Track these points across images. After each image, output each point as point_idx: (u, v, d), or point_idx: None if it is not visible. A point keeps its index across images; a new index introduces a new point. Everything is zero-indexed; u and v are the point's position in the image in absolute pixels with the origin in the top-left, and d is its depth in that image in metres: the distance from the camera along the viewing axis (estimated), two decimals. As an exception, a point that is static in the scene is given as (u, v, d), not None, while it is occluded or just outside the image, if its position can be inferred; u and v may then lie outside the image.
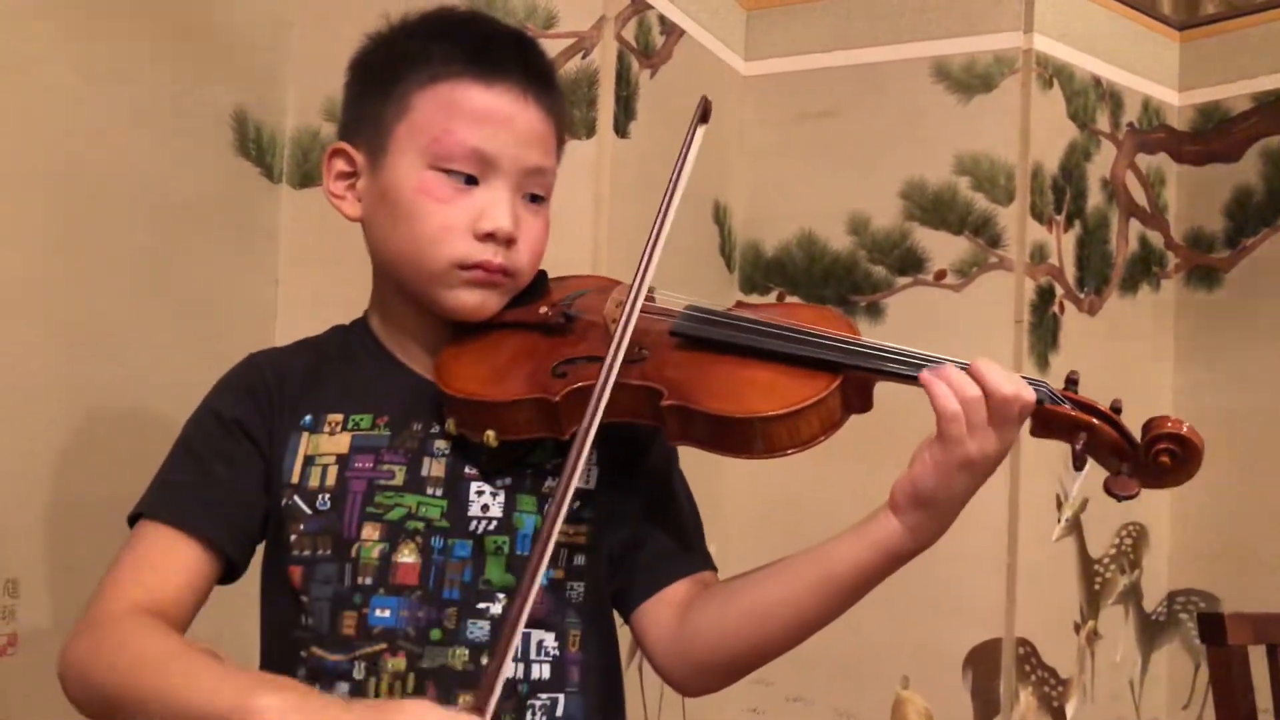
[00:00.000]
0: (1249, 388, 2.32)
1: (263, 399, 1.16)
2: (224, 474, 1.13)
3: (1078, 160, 2.30)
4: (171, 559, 1.10)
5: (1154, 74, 2.43)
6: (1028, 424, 1.04)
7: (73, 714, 1.57)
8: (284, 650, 1.13)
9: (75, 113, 1.55)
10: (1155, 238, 2.43)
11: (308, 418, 1.16)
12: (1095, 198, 2.33)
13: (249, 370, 1.20)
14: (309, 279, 1.86)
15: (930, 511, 1.04)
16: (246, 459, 1.14)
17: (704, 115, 1.11)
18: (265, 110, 1.86)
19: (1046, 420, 1.03)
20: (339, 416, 1.15)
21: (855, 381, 1.06)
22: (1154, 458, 1.01)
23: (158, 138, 1.67)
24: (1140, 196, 2.41)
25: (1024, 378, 1.03)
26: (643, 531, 1.19)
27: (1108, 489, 1.02)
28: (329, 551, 1.11)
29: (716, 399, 1.05)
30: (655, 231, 1.08)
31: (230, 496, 1.13)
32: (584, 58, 1.91)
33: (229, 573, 1.14)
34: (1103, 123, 2.34)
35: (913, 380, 1.04)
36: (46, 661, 1.50)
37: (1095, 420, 1.02)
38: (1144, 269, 2.41)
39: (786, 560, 1.11)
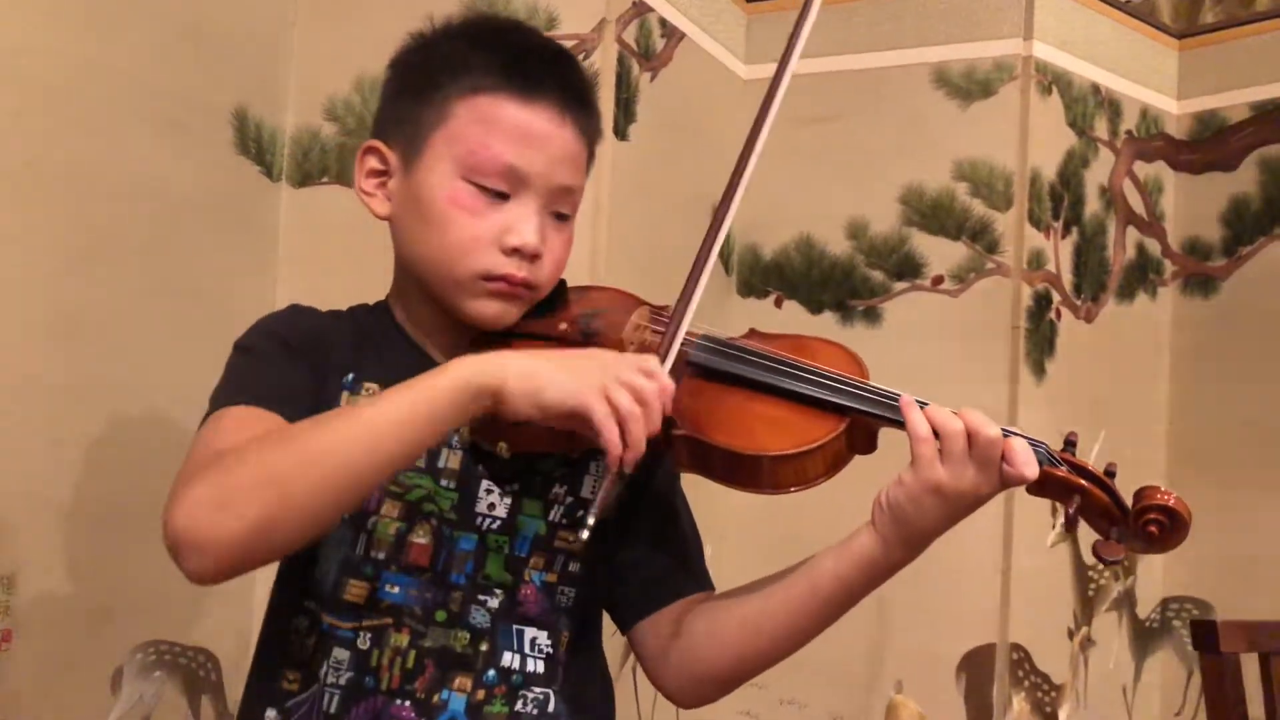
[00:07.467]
0: (1244, 396, 2.32)
1: (319, 339, 1.17)
2: (298, 381, 1.12)
3: (1076, 167, 2.30)
4: (265, 426, 1.04)
5: (1153, 82, 2.44)
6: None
7: (68, 709, 1.58)
8: (290, 599, 1.14)
9: (76, 110, 1.55)
10: (1152, 245, 2.43)
11: (349, 377, 1.16)
12: (1093, 205, 2.33)
13: (302, 313, 1.21)
14: (307, 277, 1.86)
15: (903, 528, 1.07)
16: (305, 382, 1.13)
17: None
18: (266, 108, 1.86)
19: (1043, 480, 1.06)
20: (375, 386, 1.16)
21: (861, 425, 1.08)
22: (1142, 527, 1.05)
23: (158, 134, 1.67)
24: (1138, 204, 2.41)
25: (1025, 437, 1.05)
26: (645, 549, 1.22)
27: (1095, 552, 1.06)
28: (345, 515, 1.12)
29: (726, 433, 1.07)
30: (704, 253, 1.13)
31: (305, 400, 1.10)
32: (584, 60, 1.91)
33: None
34: (1101, 130, 2.34)
35: None
36: (42, 656, 1.51)
37: (1089, 485, 1.05)
38: (1141, 277, 2.41)
39: (777, 574, 1.14)
